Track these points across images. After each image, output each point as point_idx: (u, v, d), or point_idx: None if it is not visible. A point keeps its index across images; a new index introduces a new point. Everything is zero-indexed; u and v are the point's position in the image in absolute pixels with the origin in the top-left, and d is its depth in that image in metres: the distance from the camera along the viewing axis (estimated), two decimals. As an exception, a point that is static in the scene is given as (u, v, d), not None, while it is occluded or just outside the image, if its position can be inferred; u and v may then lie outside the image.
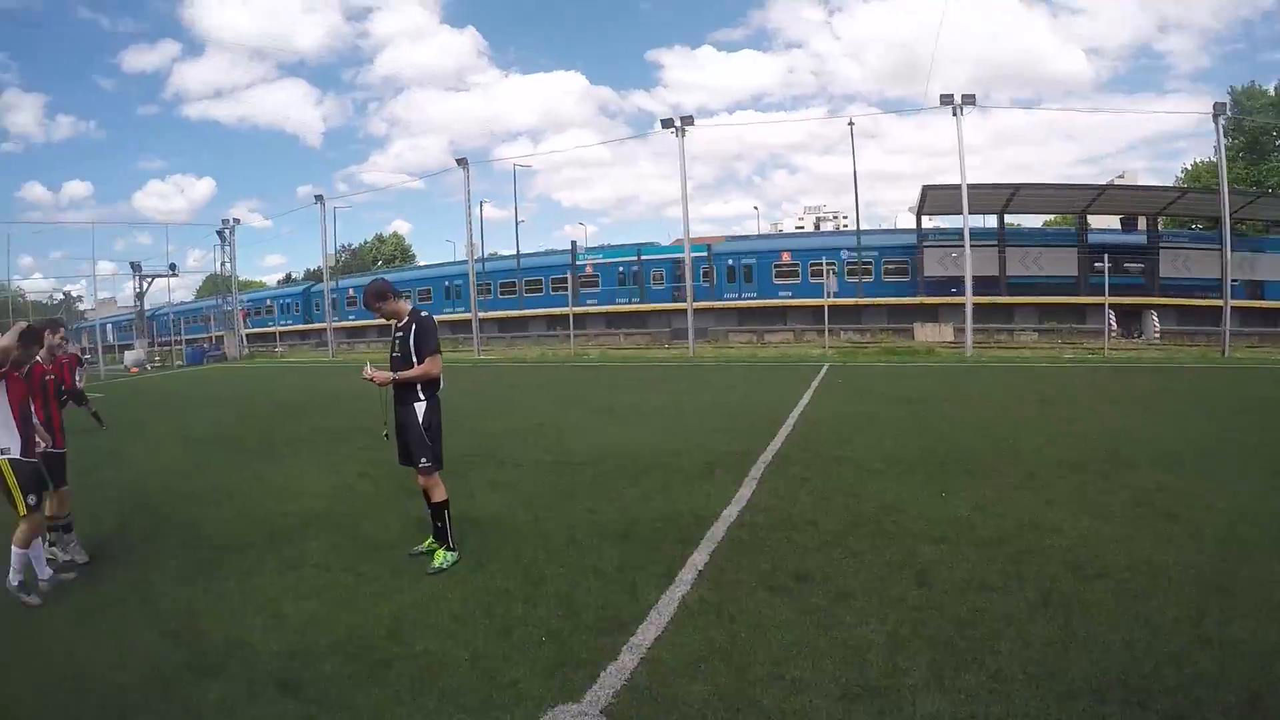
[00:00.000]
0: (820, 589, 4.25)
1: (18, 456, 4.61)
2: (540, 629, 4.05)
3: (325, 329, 33.85)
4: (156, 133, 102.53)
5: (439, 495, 5.03)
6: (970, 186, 23.07)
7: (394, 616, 4.31)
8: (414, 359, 4.89)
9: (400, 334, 4.94)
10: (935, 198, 27.49)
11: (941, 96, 22.24)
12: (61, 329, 6.21)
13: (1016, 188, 26.82)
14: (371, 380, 4.89)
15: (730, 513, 5.85)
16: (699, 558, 4.92)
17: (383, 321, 5.24)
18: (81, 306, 41.14)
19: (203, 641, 4.08)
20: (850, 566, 4.58)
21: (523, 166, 48.55)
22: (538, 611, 4.28)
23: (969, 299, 22.05)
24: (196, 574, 5.05)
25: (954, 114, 22.18)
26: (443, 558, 5.02)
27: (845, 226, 64.11)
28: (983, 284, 25.09)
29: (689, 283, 25.30)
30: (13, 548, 4.66)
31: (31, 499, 4.63)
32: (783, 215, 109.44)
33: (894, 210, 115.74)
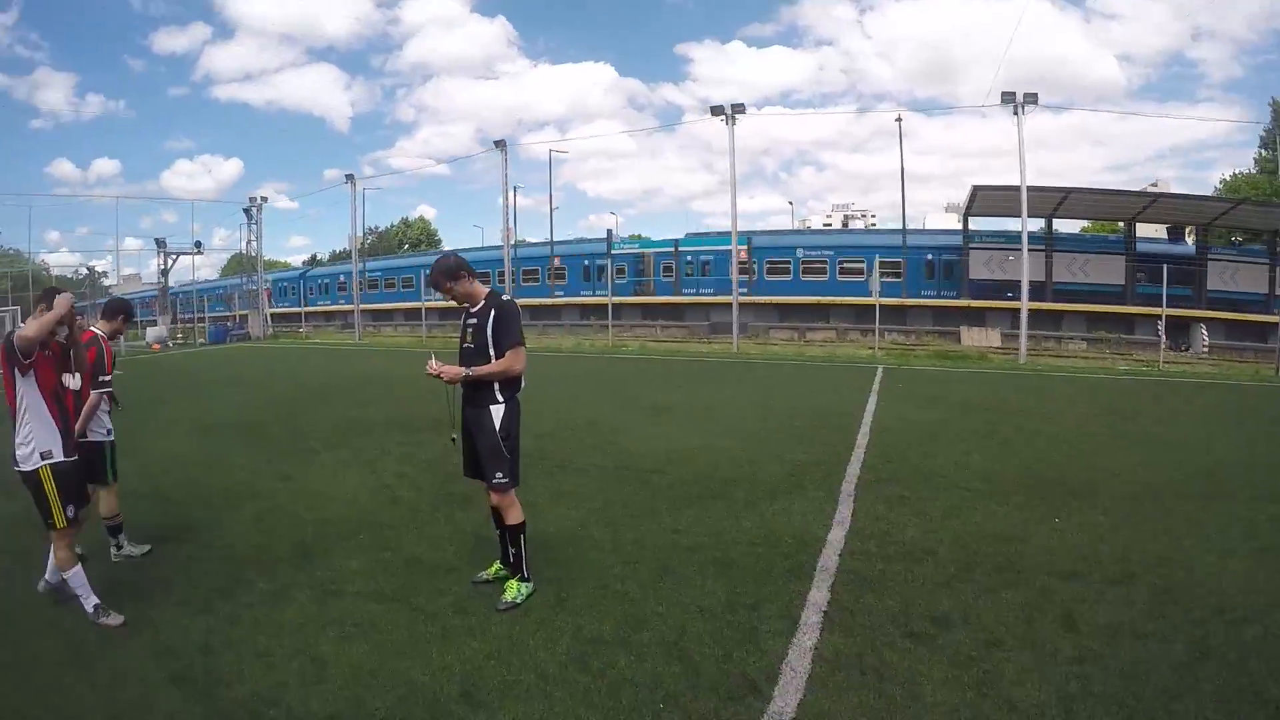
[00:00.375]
0: (964, 635, 3.70)
1: (60, 459, 3.87)
2: (654, 691, 3.28)
3: (352, 310, 33.20)
4: (185, 114, 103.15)
5: (515, 516, 4.16)
6: (1012, 189, 22.49)
7: (466, 670, 3.46)
8: (491, 352, 4.02)
9: (474, 321, 4.09)
10: (985, 199, 26.83)
11: (1003, 95, 21.33)
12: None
13: (1068, 191, 26.10)
14: (439, 376, 4.02)
15: (835, 537, 5.14)
16: (818, 595, 4.20)
17: (408, 305, 4.44)
18: (106, 282, 41.03)
19: (222, 695, 3.25)
20: (987, 607, 4.02)
21: (558, 153, 47.77)
22: (646, 666, 3.49)
23: (1024, 304, 21.19)
24: (214, 597, 4.21)
25: (1015, 112, 21.30)
26: (516, 590, 4.14)
27: (874, 224, 63.10)
28: (1030, 290, 24.52)
29: (734, 276, 24.34)
30: (60, 574, 3.98)
31: (71, 511, 3.89)
32: (809, 212, 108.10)
33: (921, 210, 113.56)
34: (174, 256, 34.48)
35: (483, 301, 4.10)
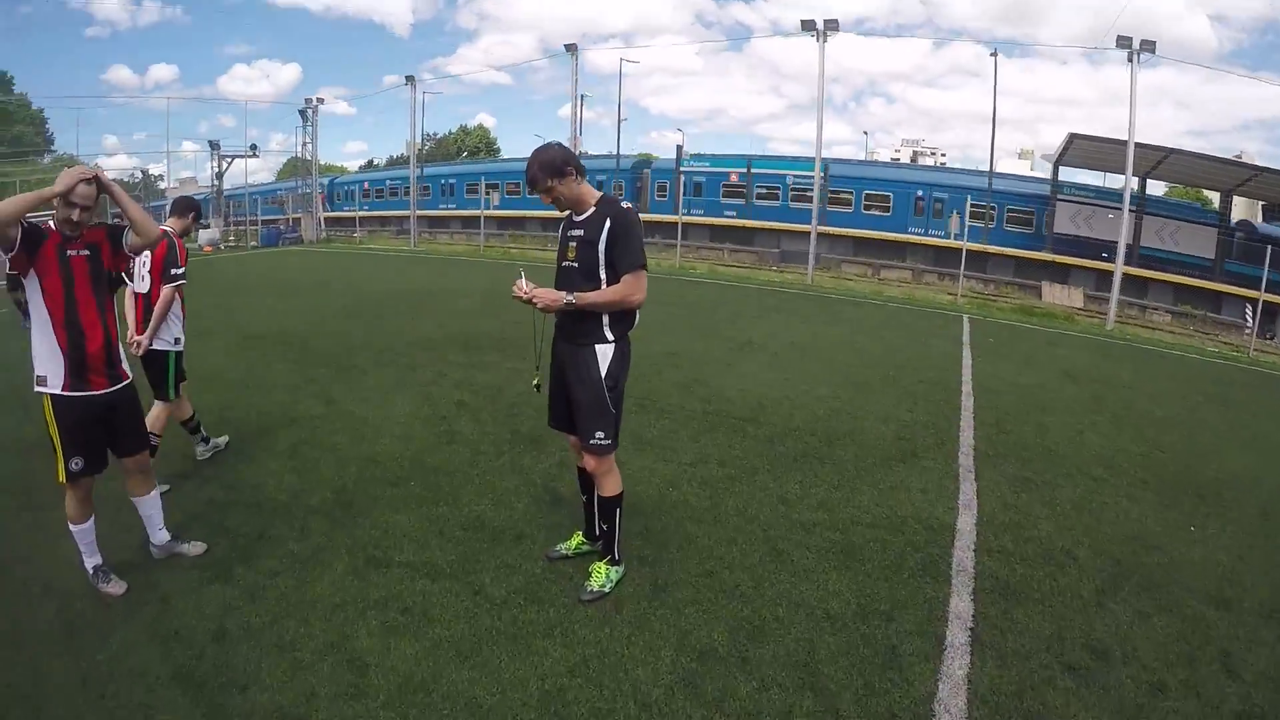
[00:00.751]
0: (1125, 673, 3.10)
1: (60, 391, 3.03)
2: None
3: (407, 216, 32.51)
4: (243, 19, 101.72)
5: (613, 486, 3.30)
6: (1114, 143, 20.62)
7: (545, 689, 2.71)
8: (602, 274, 3.12)
9: (580, 233, 3.17)
10: (1081, 149, 24.80)
11: (1119, 39, 18.91)
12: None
13: (1168, 152, 23.89)
14: (530, 301, 3.11)
15: (965, 525, 4.36)
16: (960, 604, 3.48)
17: (465, 213, 3.46)
18: (162, 185, 41.15)
19: (235, 706, 2.57)
20: (1143, 637, 3.37)
21: (629, 62, 45.33)
22: (773, 698, 2.75)
23: (1119, 267, 19.59)
24: (234, 560, 3.51)
25: (1129, 59, 18.94)
26: (604, 575, 3.33)
27: (943, 163, 60.11)
28: (1110, 251, 23.20)
29: (815, 204, 22.76)
30: (69, 524, 3.27)
31: (76, 463, 3.09)
32: (877, 145, 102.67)
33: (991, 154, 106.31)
34: (228, 159, 34.15)
35: (592, 208, 3.16)
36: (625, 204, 3.20)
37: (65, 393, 3.02)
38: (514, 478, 4.61)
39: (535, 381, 3.43)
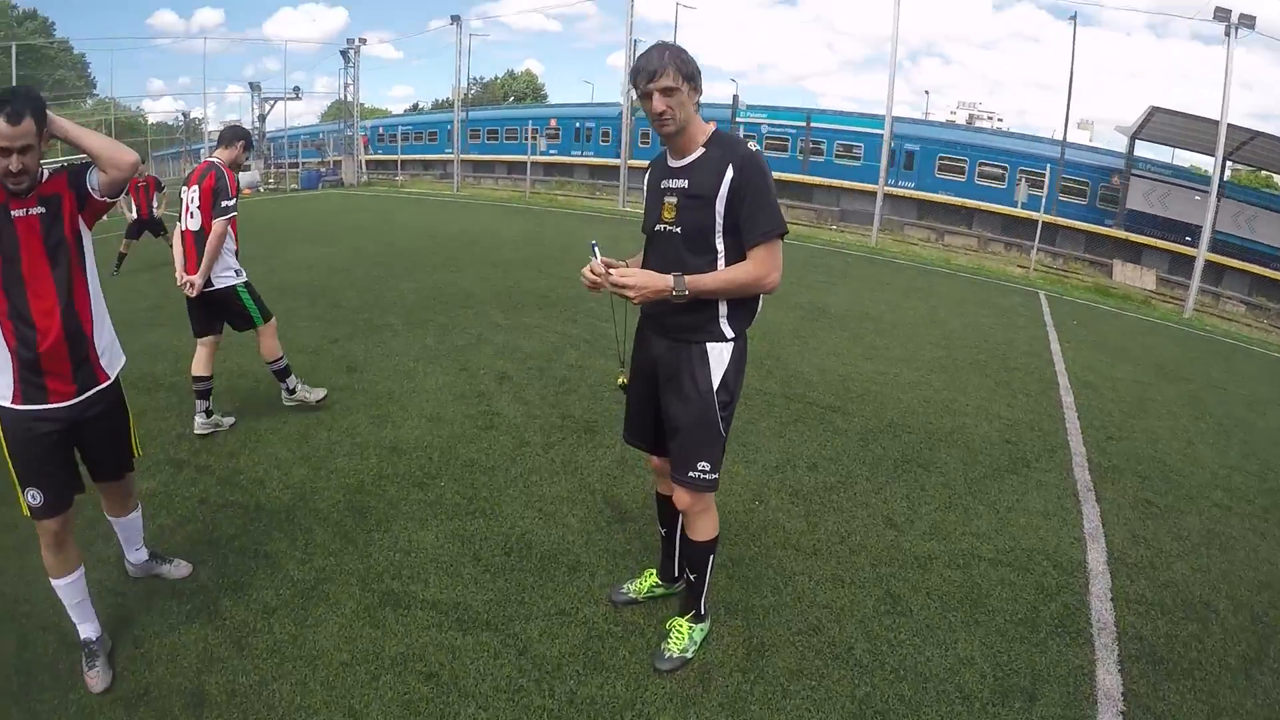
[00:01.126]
0: None
1: (8, 404, 2.23)
2: None
3: (451, 160, 31.71)
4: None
5: (708, 529, 2.51)
6: (1201, 120, 19.21)
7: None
8: (717, 242, 2.25)
9: (681, 183, 2.27)
10: (1161, 123, 23.08)
11: (1216, 10, 16.94)
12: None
13: (1253, 135, 21.90)
14: (620, 289, 2.24)
15: (1096, 563, 3.64)
16: (1108, 677, 2.79)
17: (511, 158, 2.88)
18: (208, 129, 41.05)
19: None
20: None
21: (685, 7, 43.38)
22: None
23: (1202, 252, 18.05)
24: (222, 591, 2.86)
25: (1226, 34, 17.06)
26: (687, 637, 2.60)
27: (999, 127, 57.76)
28: (1187, 233, 22.25)
29: (884, 163, 21.34)
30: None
31: (34, 496, 2.27)
32: (930, 106, 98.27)
33: (1050, 122, 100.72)
34: (271, 102, 33.67)
35: (701, 149, 2.26)
36: (750, 145, 2.33)
37: (15, 406, 2.22)
38: (566, 480, 3.89)
39: (619, 381, 2.62)
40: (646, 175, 2.44)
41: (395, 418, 4.63)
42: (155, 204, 10.16)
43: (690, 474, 2.35)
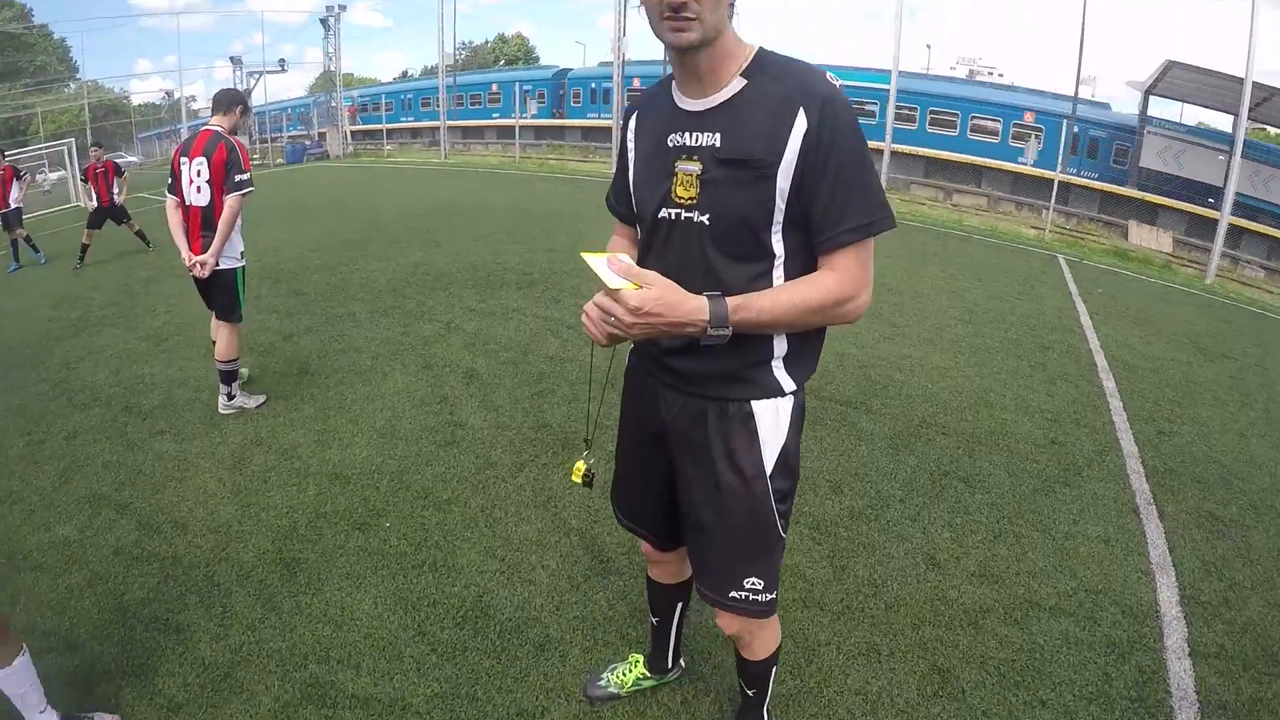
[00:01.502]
0: None
1: None
2: None
3: (438, 127, 30.65)
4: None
5: (769, 644, 1.81)
6: (1222, 76, 18.48)
7: None
8: (774, 240, 1.38)
9: (708, 139, 1.36)
10: (1177, 78, 22.01)
11: None
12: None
13: (1273, 92, 20.89)
14: (611, 315, 1.32)
15: (1169, 606, 3.00)
16: None
17: (500, 122, 3.12)
18: (195, 106, 39.95)
19: None
20: None
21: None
22: None
23: (1225, 215, 17.35)
24: (127, 667, 2.26)
25: None
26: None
27: (1001, 81, 56.92)
28: (1203, 194, 21.61)
29: (889, 122, 20.47)
30: None
31: None
32: (929, 61, 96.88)
33: (1054, 75, 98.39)
34: (256, 75, 32.56)
35: (740, 79, 1.35)
36: (830, 77, 1.35)
37: None
38: (536, 516, 3.25)
39: (579, 471, 1.81)
40: (629, 124, 1.55)
41: (343, 434, 3.98)
42: (116, 190, 9.48)
43: (733, 593, 1.60)
